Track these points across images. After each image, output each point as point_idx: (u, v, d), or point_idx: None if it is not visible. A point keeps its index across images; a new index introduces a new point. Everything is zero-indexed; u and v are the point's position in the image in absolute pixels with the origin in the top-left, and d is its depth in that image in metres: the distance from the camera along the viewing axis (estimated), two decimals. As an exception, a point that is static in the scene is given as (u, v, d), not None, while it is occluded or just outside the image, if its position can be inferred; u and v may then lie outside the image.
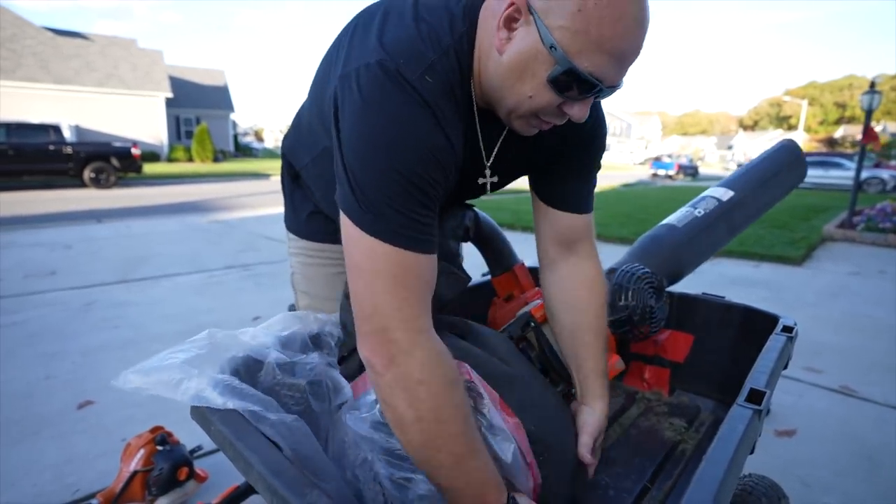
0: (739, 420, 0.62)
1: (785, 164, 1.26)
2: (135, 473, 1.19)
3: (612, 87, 0.57)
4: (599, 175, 0.81)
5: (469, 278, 0.85)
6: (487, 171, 0.74)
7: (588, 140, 0.76)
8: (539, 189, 0.80)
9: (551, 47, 0.53)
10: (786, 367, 0.91)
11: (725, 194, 1.18)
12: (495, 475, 0.58)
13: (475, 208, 1.14)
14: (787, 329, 0.92)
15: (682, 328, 1.14)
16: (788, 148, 1.30)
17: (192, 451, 1.33)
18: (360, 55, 0.57)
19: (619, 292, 1.00)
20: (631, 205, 8.78)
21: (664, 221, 1.18)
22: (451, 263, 0.85)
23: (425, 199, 0.56)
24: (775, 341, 0.86)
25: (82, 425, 1.69)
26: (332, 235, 0.86)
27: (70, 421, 1.71)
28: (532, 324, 0.87)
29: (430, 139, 0.55)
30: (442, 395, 0.55)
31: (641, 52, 0.55)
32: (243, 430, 0.55)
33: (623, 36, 0.52)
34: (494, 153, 0.72)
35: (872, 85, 6.18)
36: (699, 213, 1.15)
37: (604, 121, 0.77)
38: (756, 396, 0.68)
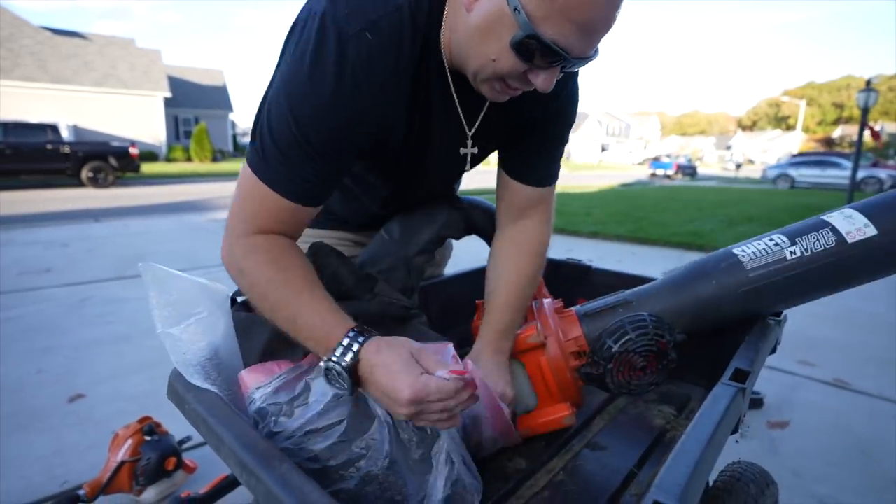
0: (722, 397, 0.61)
1: None
2: (122, 463, 1.18)
3: (581, 58, 0.55)
4: (597, 174, 0.81)
5: (411, 307, 0.80)
6: (469, 142, 0.73)
7: (561, 112, 0.75)
8: (506, 163, 0.80)
9: (515, 10, 0.51)
10: (774, 351, 0.91)
11: (856, 232, 0.70)
12: (331, 322, 0.59)
13: (472, 198, 1.04)
14: (776, 314, 0.92)
15: (671, 316, 1.13)
16: None
17: (181, 442, 1.32)
18: (309, 5, 0.58)
19: (618, 331, 0.79)
20: (628, 204, 8.79)
21: (734, 248, 0.81)
22: (402, 282, 0.83)
23: (318, 157, 0.59)
24: (763, 325, 0.86)
25: (73, 418, 1.68)
26: None
27: (60, 414, 1.71)
28: None
29: (343, 101, 0.56)
30: (263, 281, 0.60)
31: (613, 25, 0.54)
32: (217, 408, 0.54)
33: (591, 5, 0.50)
34: (478, 123, 0.71)
35: (868, 83, 6.23)
36: (791, 253, 0.74)
37: (577, 93, 0.76)
38: (740, 376, 0.67)
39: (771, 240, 0.78)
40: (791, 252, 0.74)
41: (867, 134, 6.28)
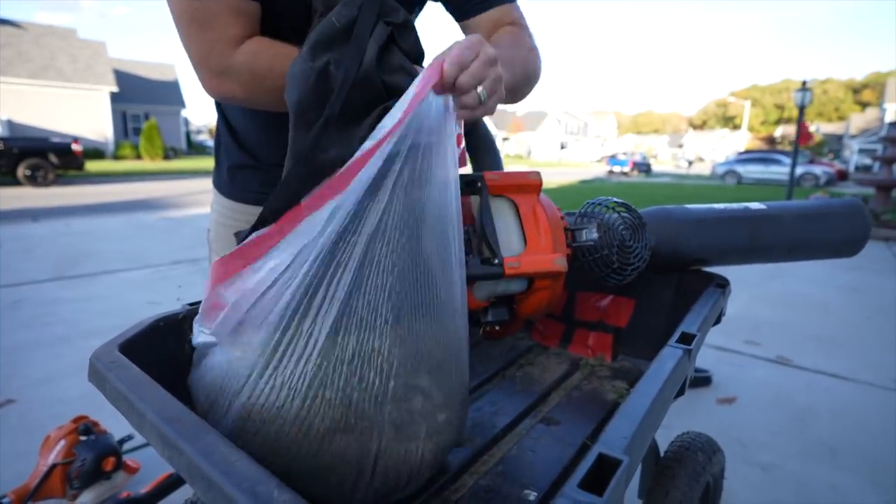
0: (668, 358, 0.62)
1: (842, 226, 0.99)
2: (53, 466, 1.10)
3: None
4: (558, 171, 0.77)
5: None
6: None
7: None
8: (454, 8, 0.75)
9: None
10: (719, 321, 0.94)
11: (756, 206, 1.04)
12: None
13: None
14: (721, 285, 0.95)
15: (622, 293, 1.15)
16: (853, 211, 0.99)
17: (122, 441, 1.24)
18: None
19: (583, 220, 0.88)
20: (588, 198, 9.02)
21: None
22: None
23: None
24: (708, 294, 0.88)
25: (1, 426, 1.56)
26: (246, 193, 0.83)
27: (-14, 421, 1.58)
28: (479, 184, 0.74)
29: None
30: (278, 58, 0.60)
31: None
32: (140, 383, 0.50)
33: None
34: None
35: (804, 84, 6.71)
36: (719, 206, 1.03)
37: None
38: (686, 339, 0.68)
39: (702, 205, 1.06)
40: (717, 206, 1.03)
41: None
